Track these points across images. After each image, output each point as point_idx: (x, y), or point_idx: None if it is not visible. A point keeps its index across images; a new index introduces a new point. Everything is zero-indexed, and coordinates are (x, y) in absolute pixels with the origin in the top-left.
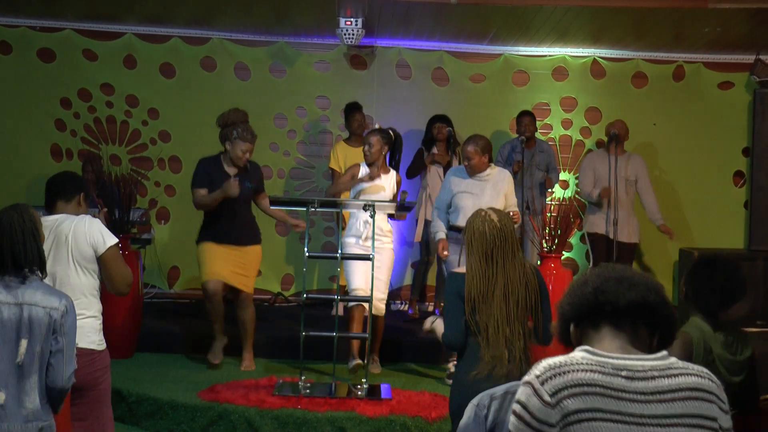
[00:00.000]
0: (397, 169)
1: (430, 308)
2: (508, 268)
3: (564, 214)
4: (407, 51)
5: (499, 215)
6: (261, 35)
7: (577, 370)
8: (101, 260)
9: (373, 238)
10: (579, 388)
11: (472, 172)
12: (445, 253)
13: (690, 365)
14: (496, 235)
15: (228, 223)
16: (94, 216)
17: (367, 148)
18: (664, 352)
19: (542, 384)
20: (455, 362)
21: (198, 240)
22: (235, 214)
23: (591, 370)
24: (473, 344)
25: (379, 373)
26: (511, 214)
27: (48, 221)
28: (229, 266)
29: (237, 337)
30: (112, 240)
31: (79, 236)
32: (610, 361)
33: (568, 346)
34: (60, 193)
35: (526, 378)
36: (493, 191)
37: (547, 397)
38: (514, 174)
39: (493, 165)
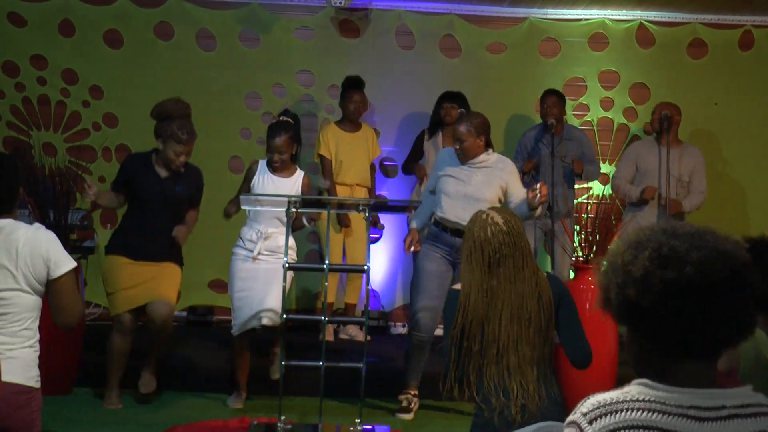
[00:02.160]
0: (296, 162)
1: (439, 331)
2: (518, 280)
3: (604, 215)
4: (409, 15)
5: (505, 216)
6: None
7: (632, 409)
8: (54, 285)
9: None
10: (634, 431)
11: (464, 157)
12: (413, 248)
13: None
14: (502, 241)
15: (144, 235)
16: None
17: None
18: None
19: (590, 423)
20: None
21: (107, 248)
22: (154, 223)
23: (649, 410)
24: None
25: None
26: (538, 186)
27: None
28: (140, 286)
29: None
30: (70, 263)
31: (35, 250)
32: (674, 396)
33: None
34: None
35: (571, 417)
36: (483, 179)
37: None
38: (525, 174)
39: (490, 150)
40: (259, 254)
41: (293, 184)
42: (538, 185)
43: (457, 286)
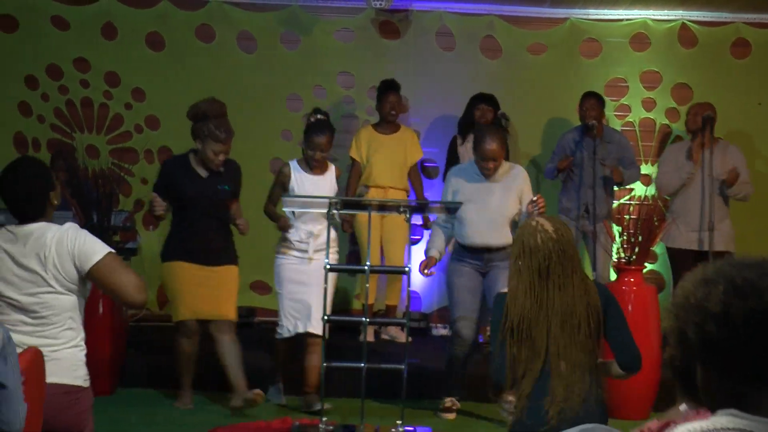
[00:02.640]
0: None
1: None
2: (567, 287)
3: (646, 216)
4: (450, 16)
5: (555, 224)
6: None
7: None
8: (93, 273)
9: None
10: None
11: (493, 174)
12: (427, 271)
13: None
14: (552, 249)
15: (198, 238)
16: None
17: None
18: None
19: None
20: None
21: (163, 256)
22: (203, 224)
23: None
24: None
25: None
26: (536, 198)
27: (23, 232)
28: (205, 296)
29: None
30: (102, 250)
31: (61, 250)
32: (762, 426)
33: (696, 402)
34: (27, 198)
35: None
36: (502, 196)
37: None
38: (560, 171)
39: (504, 162)
40: (309, 251)
41: (329, 180)
42: (536, 197)
43: (505, 290)
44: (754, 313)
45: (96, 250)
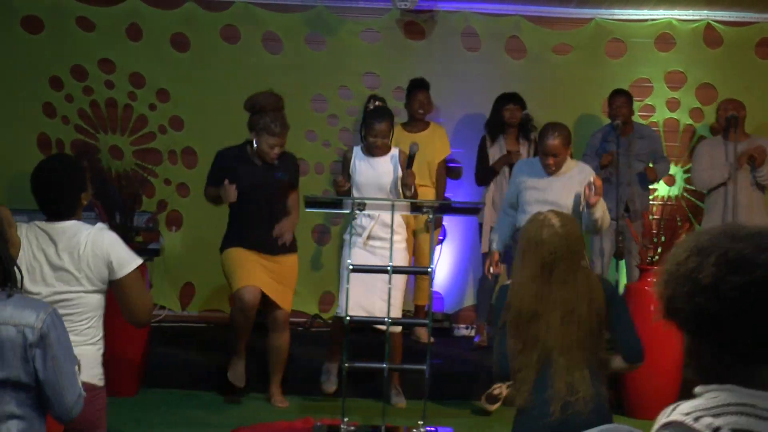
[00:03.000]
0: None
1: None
2: (570, 282)
3: (669, 216)
4: (475, 16)
5: (563, 219)
6: None
7: (730, 413)
8: (121, 283)
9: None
10: None
11: (555, 170)
12: (492, 269)
13: None
14: (557, 243)
15: (257, 226)
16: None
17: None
18: None
19: (695, 420)
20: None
21: (222, 247)
22: (262, 213)
23: (744, 413)
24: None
25: (404, 407)
26: (592, 179)
27: (55, 229)
28: (265, 275)
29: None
30: (136, 260)
31: (97, 251)
32: (761, 401)
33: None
34: (60, 197)
35: (670, 418)
36: (562, 188)
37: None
38: (604, 167)
39: (570, 159)
40: (369, 238)
41: (390, 161)
42: (593, 178)
43: (509, 282)
44: (746, 287)
45: (131, 260)
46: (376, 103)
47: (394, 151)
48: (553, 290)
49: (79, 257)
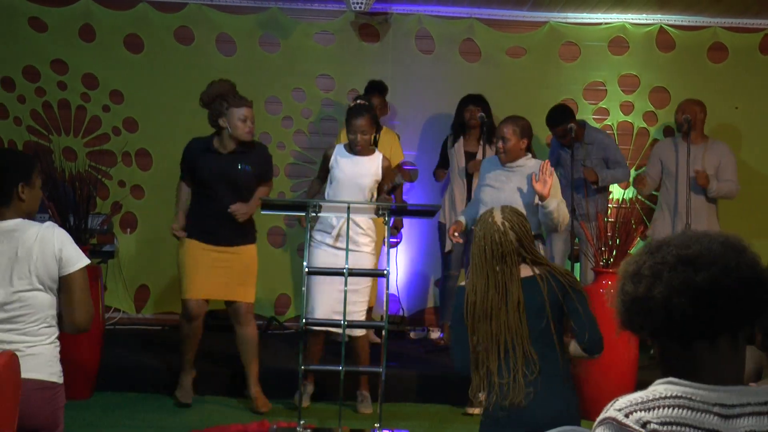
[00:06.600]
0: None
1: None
2: (520, 275)
3: (624, 219)
4: (429, 19)
5: (507, 214)
6: None
7: (663, 406)
8: (66, 282)
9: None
10: (668, 427)
11: (506, 157)
12: (456, 235)
13: None
14: (503, 238)
15: (212, 217)
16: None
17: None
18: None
19: (626, 416)
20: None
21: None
22: (222, 205)
23: (678, 406)
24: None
25: (370, 413)
26: (542, 165)
27: (1, 228)
28: (219, 277)
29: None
30: (83, 260)
31: (46, 249)
32: (700, 392)
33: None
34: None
35: (603, 415)
36: (519, 184)
37: (638, 428)
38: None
39: (530, 155)
40: (338, 237)
41: (372, 162)
42: (541, 164)
43: (464, 283)
44: (689, 283)
45: (79, 258)
46: (357, 101)
47: (379, 155)
48: (507, 284)
49: (30, 254)
